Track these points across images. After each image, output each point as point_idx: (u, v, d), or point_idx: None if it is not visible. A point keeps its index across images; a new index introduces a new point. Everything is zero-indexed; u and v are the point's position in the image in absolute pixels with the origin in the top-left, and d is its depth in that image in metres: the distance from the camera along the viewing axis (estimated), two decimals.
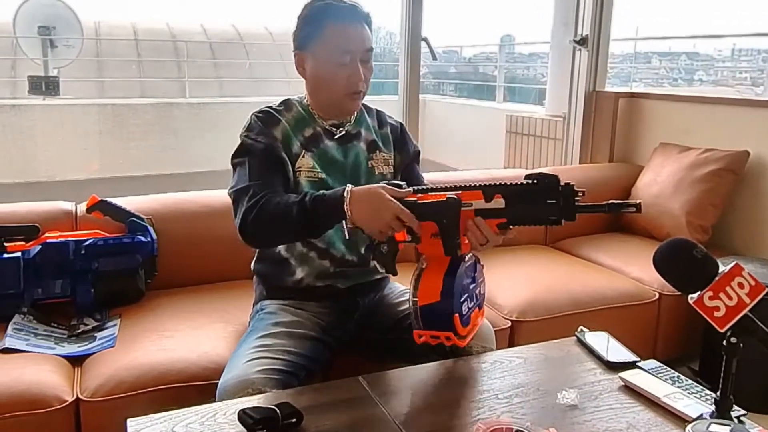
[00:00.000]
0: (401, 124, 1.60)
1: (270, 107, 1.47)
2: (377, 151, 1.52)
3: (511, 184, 1.15)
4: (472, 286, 1.24)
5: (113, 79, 8.28)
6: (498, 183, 1.16)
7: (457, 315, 1.13)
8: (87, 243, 1.81)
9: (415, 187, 1.23)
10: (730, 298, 0.97)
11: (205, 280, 2.00)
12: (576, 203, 1.12)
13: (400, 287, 1.59)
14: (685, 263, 1.01)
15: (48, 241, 1.80)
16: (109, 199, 1.93)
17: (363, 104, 1.53)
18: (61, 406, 1.38)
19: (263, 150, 1.39)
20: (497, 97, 7.71)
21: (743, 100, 2.75)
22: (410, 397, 1.16)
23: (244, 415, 1.01)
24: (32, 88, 6.60)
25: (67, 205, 1.96)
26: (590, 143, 3.09)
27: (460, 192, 1.16)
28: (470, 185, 1.16)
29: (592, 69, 3.05)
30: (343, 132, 1.48)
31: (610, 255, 2.39)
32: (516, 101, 7.74)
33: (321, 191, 1.29)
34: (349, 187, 1.23)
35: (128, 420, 1.05)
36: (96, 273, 1.80)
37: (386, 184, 1.23)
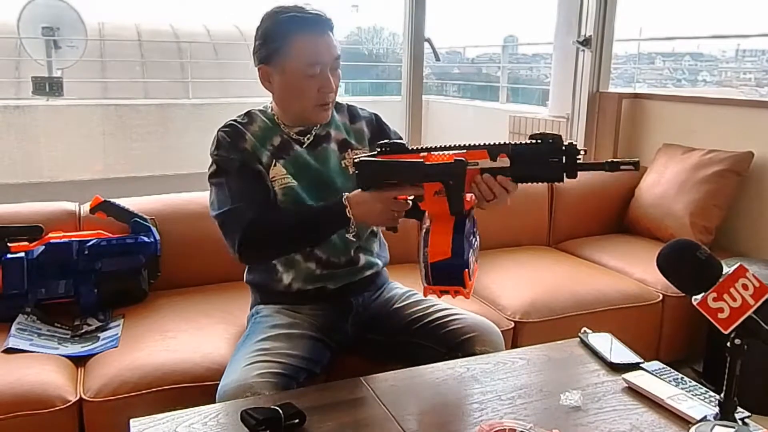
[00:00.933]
0: (376, 115, 1.58)
1: (234, 121, 1.45)
2: (350, 150, 1.50)
3: (516, 143, 1.17)
4: (473, 240, 1.23)
5: (117, 80, 8.29)
6: (503, 143, 1.18)
7: (466, 270, 1.15)
8: (90, 243, 1.82)
9: (420, 147, 1.22)
10: (735, 300, 0.97)
11: (208, 280, 2.01)
12: (578, 162, 1.14)
13: (402, 289, 1.59)
14: (689, 264, 1.01)
15: (51, 241, 1.80)
16: (112, 200, 1.93)
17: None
18: (65, 406, 1.39)
19: (240, 167, 1.39)
20: (500, 98, 7.70)
21: (747, 101, 2.74)
22: (413, 398, 1.16)
23: (246, 416, 1.01)
24: (36, 89, 6.61)
25: (70, 206, 1.97)
26: (593, 144, 3.08)
27: (465, 152, 1.17)
28: (475, 144, 1.18)
29: (595, 70, 3.04)
30: (311, 138, 1.47)
31: (614, 256, 2.38)
32: (519, 102, 7.73)
33: (320, 204, 1.36)
34: (345, 195, 1.28)
35: (131, 420, 1.05)
36: (99, 273, 1.80)
37: (387, 142, 1.23)
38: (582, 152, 1.14)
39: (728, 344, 0.98)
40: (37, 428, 1.36)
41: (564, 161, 1.14)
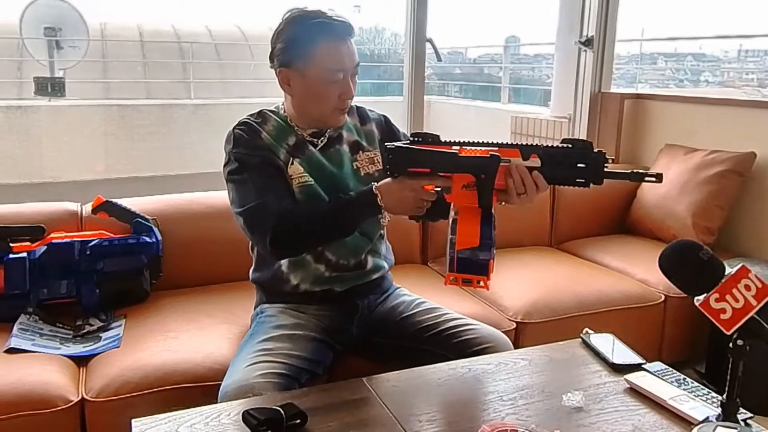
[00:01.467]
0: (385, 116, 1.59)
1: (248, 119, 1.45)
2: (361, 151, 1.51)
3: (547, 145, 1.20)
4: (494, 235, 1.24)
5: (119, 81, 8.31)
6: (534, 144, 1.21)
7: (492, 261, 1.17)
8: (92, 243, 1.82)
9: (452, 141, 1.22)
10: (737, 301, 0.96)
11: (209, 280, 2.01)
12: (605, 169, 1.17)
13: (410, 296, 1.58)
14: (691, 265, 1.01)
15: (53, 241, 1.80)
16: (114, 200, 1.93)
17: None
18: (67, 406, 1.39)
19: (261, 163, 1.38)
20: (502, 99, 7.70)
21: (750, 101, 2.74)
22: (414, 398, 1.16)
23: (248, 416, 1.01)
24: (38, 89, 6.62)
25: (72, 206, 1.97)
26: (595, 144, 3.07)
27: (498, 149, 1.20)
28: (508, 143, 1.20)
29: (597, 70, 3.04)
30: (325, 140, 1.48)
31: (616, 256, 2.38)
32: (521, 102, 7.72)
33: (349, 194, 1.36)
34: (374, 184, 1.28)
35: (133, 420, 1.05)
36: (101, 273, 1.81)
37: (421, 132, 1.23)
38: (610, 161, 1.17)
39: (730, 345, 0.98)
40: (39, 428, 1.36)
41: (592, 168, 1.17)
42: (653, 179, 1.16)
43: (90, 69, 7.87)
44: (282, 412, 1.01)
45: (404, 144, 1.21)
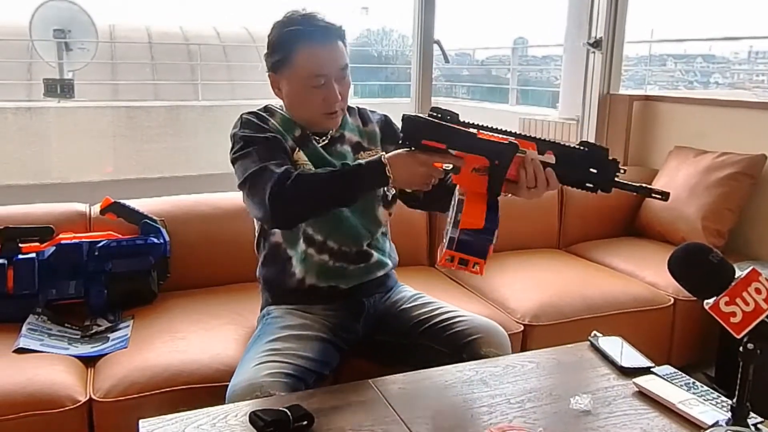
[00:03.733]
0: (385, 115, 1.59)
1: (256, 110, 1.47)
2: (362, 152, 1.51)
3: (564, 144, 1.19)
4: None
5: (127, 82, 8.35)
6: (552, 140, 1.19)
7: (491, 246, 1.15)
8: (100, 244, 1.83)
9: (470, 122, 1.19)
10: (747, 304, 0.96)
11: (216, 281, 2.01)
12: (615, 178, 1.17)
13: (410, 292, 1.59)
14: (700, 268, 1.00)
15: (62, 242, 1.81)
16: (122, 201, 1.94)
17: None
18: (74, 406, 1.39)
19: (266, 139, 1.38)
20: (510, 100, 7.69)
21: (760, 103, 2.71)
22: (421, 400, 1.15)
23: (255, 417, 1.01)
24: (47, 91, 6.67)
25: (81, 207, 1.98)
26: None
27: (516, 138, 1.17)
28: (526, 135, 1.18)
29: (606, 72, 3.02)
30: (327, 140, 1.48)
31: (625, 259, 2.37)
32: (529, 104, 7.71)
33: (356, 162, 1.32)
34: (383, 154, 1.24)
35: (140, 421, 1.05)
36: (109, 274, 1.81)
37: (440, 108, 1.19)
38: (622, 171, 1.18)
39: (741, 349, 0.97)
40: (47, 428, 1.37)
41: (603, 175, 1.17)
42: (660, 197, 1.18)
43: (99, 70, 7.92)
44: (289, 413, 1.01)
45: (426, 117, 1.17)
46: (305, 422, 1.02)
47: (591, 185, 1.18)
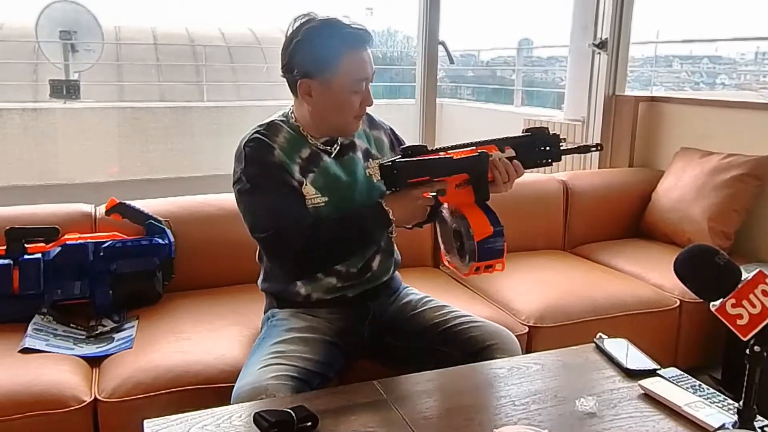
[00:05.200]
0: (391, 128, 1.62)
1: (258, 134, 1.40)
2: (371, 159, 1.51)
3: (514, 136, 1.38)
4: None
5: (133, 83, 8.38)
6: (503, 137, 1.37)
7: (506, 244, 1.28)
8: (106, 245, 1.83)
9: (435, 147, 1.33)
10: (754, 306, 0.95)
11: (221, 282, 2.01)
12: (561, 147, 1.38)
13: (418, 295, 1.58)
14: (707, 270, 1.00)
15: (68, 242, 1.82)
16: (127, 202, 1.94)
17: None
18: (80, 406, 1.40)
19: (272, 182, 1.36)
20: (515, 101, 7.67)
21: (767, 104, 2.70)
22: (426, 402, 1.15)
23: (259, 418, 1.01)
24: (53, 92, 6.70)
25: (86, 208, 1.98)
26: (610, 148, 3.06)
27: (482, 147, 1.33)
28: (482, 141, 1.34)
29: (611, 73, 3.01)
30: (338, 148, 1.47)
31: (630, 261, 2.36)
32: (534, 105, 7.70)
33: (359, 211, 1.38)
34: (381, 201, 1.33)
35: (145, 421, 1.05)
36: (114, 275, 1.82)
37: (409, 146, 1.33)
38: (563, 139, 1.38)
39: (747, 351, 0.97)
40: (52, 428, 1.37)
41: (551, 149, 1.37)
42: (595, 149, 1.44)
43: (104, 72, 7.95)
44: (293, 414, 1.01)
45: (402, 159, 1.28)
46: (309, 423, 1.02)
47: (548, 160, 1.37)
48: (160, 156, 6.99)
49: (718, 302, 0.97)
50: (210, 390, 1.45)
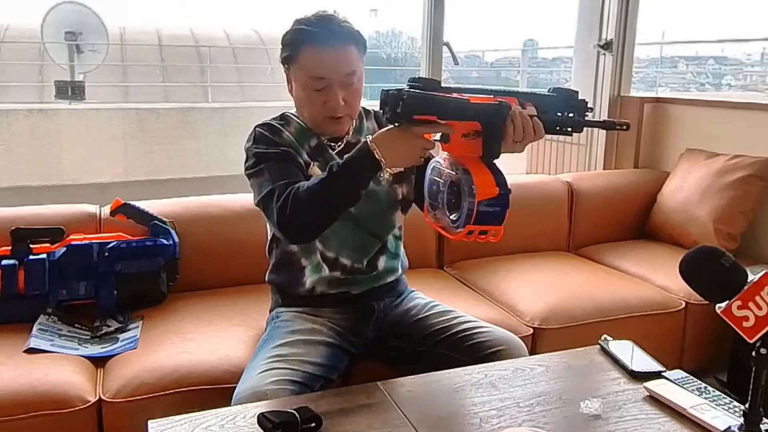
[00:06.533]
0: None
1: (271, 120, 1.45)
2: None
3: (539, 93, 1.23)
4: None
5: (137, 84, 8.40)
6: (526, 91, 1.22)
7: (508, 212, 1.13)
8: (110, 245, 1.83)
9: (450, 86, 1.18)
10: (760, 308, 0.94)
11: (226, 283, 2.01)
12: (585, 118, 1.23)
13: (424, 299, 1.58)
14: (712, 272, 0.99)
15: (72, 243, 1.82)
16: (132, 203, 1.95)
17: (362, 108, 1.51)
18: (84, 406, 1.40)
19: (278, 154, 1.37)
20: None
21: None
22: (430, 403, 1.15)
23: (263, 419, 1.01)
24: (59, 93, 6.73)
25: (91, 208, 1.99)
26: (615, 149, 3.05)
27: (502, 96, 1.17)
28: (506, 90, 1.19)
29: (616, 74, 3.01)
30: (343, 145, 1.47)
31: (635, 262, 2.35)
32: None
33: (345, 157, 1.25)
34: (369, 137, 1.21)
35: (149, 421, 1.05)
36: (119, 275, 1.82)
37: (419, 78, 1.16)
38: (590, 110, 1.23)
39: (753, 353, 0.96)
40: (56, 428, 1.38)
41: (576, 117, 1.22)
42: (622, 128, 1.29)
43: (109, 73, 7.98)
44: (297, 415, 1.01)
45: (412, 91, 1.13)
46: (313, 424, 1.02)
47: (568, 128, 1.22)
48: (164, 157, 7.01)
49: (723, 304, 0.96)
50: (214, 391, 1.45)
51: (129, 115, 7.09)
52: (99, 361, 1.58)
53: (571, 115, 1.21)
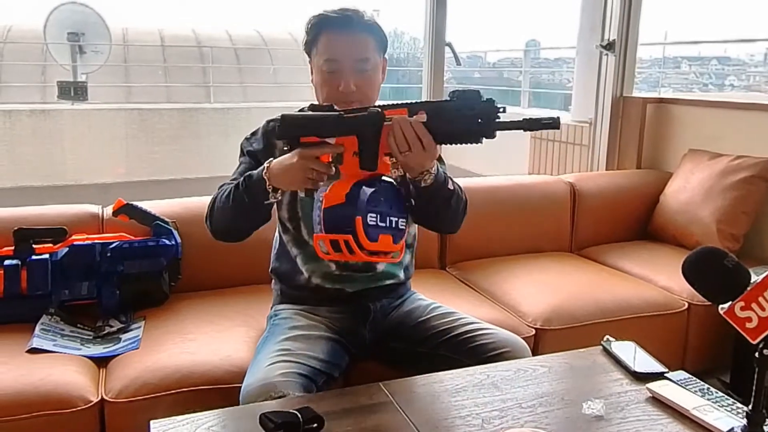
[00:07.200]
0: None
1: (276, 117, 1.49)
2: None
3: (437, 100, 1.17)
4: (390, 212, 1.16)
5: (140, 85, 8.42)
6: (424, 101, 1.16)
7: (360, 218, 1.09)
8: (113, 246, 1.84)
9: (344, 110, 1.19)
10: (763, 309, 0.94)
11: (228, 283, 2.02)
12: (497, 120, 1.10)
13: (426, 301, 1.58)
14: (715, 273, 0.99)
15: (75, 243, 1.82)
16: (134, 203, 1.95)
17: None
18: (86, 406, 1.40)
19: (250, 152, 1.48)
20: (522, 103, 7.66)
21: None
22: (432, 404, 1.15)
23: (265, 419, 1.01)
24: (61, 93, 6.74)
25: (93, 208, 1.99)
26: (617, 149, 3.05)
27: (384, 109, 1.14)
28: (398, 103, 1.15)
29: (619, 74, 3.00)
30: None
31: (638, 263, 2.35)
32: (541, 107, 7.68)
33: (249, 173, 1.31)
34: (267, 164, 1.25)
35: (152, 422, 1.05)
36: (121, 275, 1.82)
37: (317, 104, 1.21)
38: (501, 110, 1.09)
39: (756, 354, 0.96)
40: (59, 428, 1.38)
41: (484, 121, 1.09)
42: (550, 124, 1.08)
43: (112, 73, 8.00)
44: (299, 415, 1.01)
45: (292, 113, 1.16)
46: (315, 425, 1.02)
47: (472, 136, 1.10)
48: (166, 157, 7.03)
49: (726, 305, 0.96)
50: (216, 391, 1.45)
51: (131, 115, 7.11)
52: (101, 362, 1.58)
53: (479, 120, 1.09)
